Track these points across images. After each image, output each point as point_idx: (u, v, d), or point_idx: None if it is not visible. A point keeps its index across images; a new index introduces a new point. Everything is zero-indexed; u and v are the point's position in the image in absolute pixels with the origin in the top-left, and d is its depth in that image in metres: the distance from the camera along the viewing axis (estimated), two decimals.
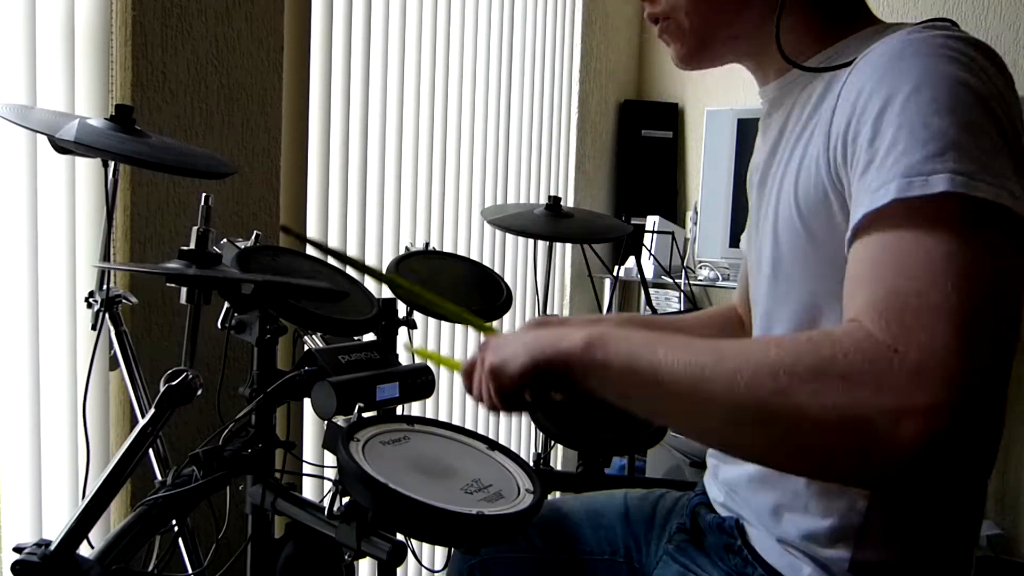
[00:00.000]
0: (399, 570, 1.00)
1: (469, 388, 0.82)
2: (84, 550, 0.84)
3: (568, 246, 2.80)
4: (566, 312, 2.83)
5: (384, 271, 1.33)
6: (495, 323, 1.21)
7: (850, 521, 0.78)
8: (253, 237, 1.22)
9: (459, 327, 2.27)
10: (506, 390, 0.75)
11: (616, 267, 2.84)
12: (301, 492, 1.45)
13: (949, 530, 0.79)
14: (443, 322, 2.18)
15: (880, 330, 0.57)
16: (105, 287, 1.21)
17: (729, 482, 0.91)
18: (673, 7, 0.86)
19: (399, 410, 1.28)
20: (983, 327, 0.56)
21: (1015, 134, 0.64)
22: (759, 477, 0.86)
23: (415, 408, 1.96)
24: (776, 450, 0.61)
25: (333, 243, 1.84)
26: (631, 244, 2.58)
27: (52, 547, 0.80)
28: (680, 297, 2.74)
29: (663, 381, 0.63)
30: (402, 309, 1.34)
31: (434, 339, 2.19)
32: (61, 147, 1.06)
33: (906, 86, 0.65)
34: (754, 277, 0.90)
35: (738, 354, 0.61)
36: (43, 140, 1.18)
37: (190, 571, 1.22)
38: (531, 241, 2.27)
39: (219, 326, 1.11)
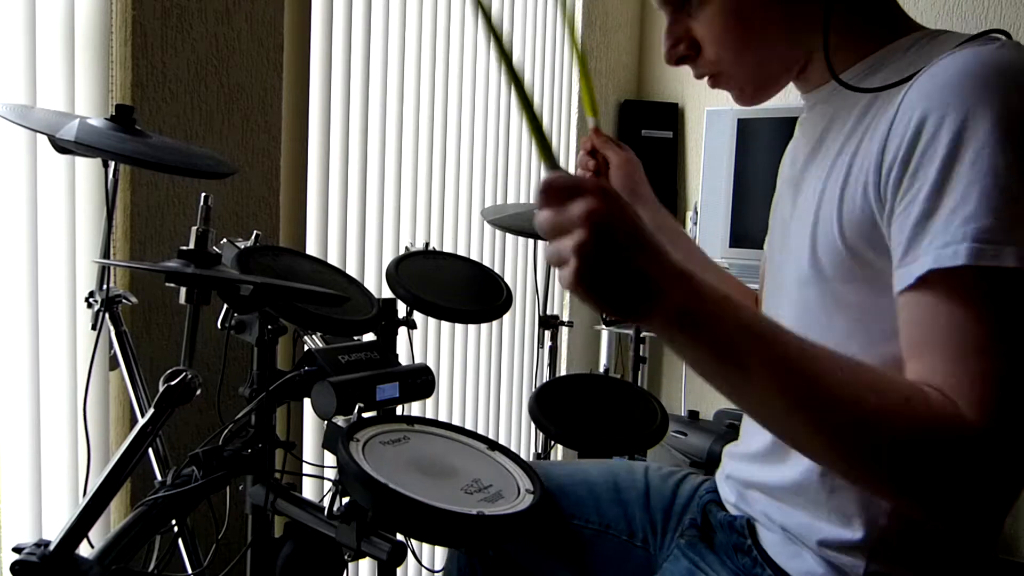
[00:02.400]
0: (399, 570, 1.00)
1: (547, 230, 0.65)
2: (84, 550, 0.84)
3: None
4: (566, 313, 2.83)
5: (385, 272, 1.33)
6: None
7: (869, 533, 0.77)
8: (253, 237, 1.22)
9: (459, 327, 2.27)
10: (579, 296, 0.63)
11: None
12: (301, 492, 1.45)
13: (967, 546, 0.79)
14: (443, 322, 2.18)
15: (958, 397, 0.62)
16: (105, 287, 1.21)
17: (743, 482, 0.91)
18: (717, 62, 0.86)
19: (399, 410, 1.28)
20: None
21: None
22: (776, 483, 0.85)
23: (415, 408, 1.96)
24: (823, 460, 0.69)
25: (333, 243, 1.84)
26: None
27: (52, 547, 0.80)
28: None
29: (753, 377, 0.63)
30: (402, 309, 1.34)
31: (434, 339, 2.19)
32: (61, 147, 1.06)
33: (980, 129, 0.64)
34: (777, 281, 0.89)
35: (847, 378, 0.64)
36: (43, 140, 1.18)
37: (190, 571, 1.22)
38: (531, 241, 2.27)
39: (219, 326, 1.11)
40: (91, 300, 1.22)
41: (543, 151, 0.71)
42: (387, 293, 1.30)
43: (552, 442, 1.95)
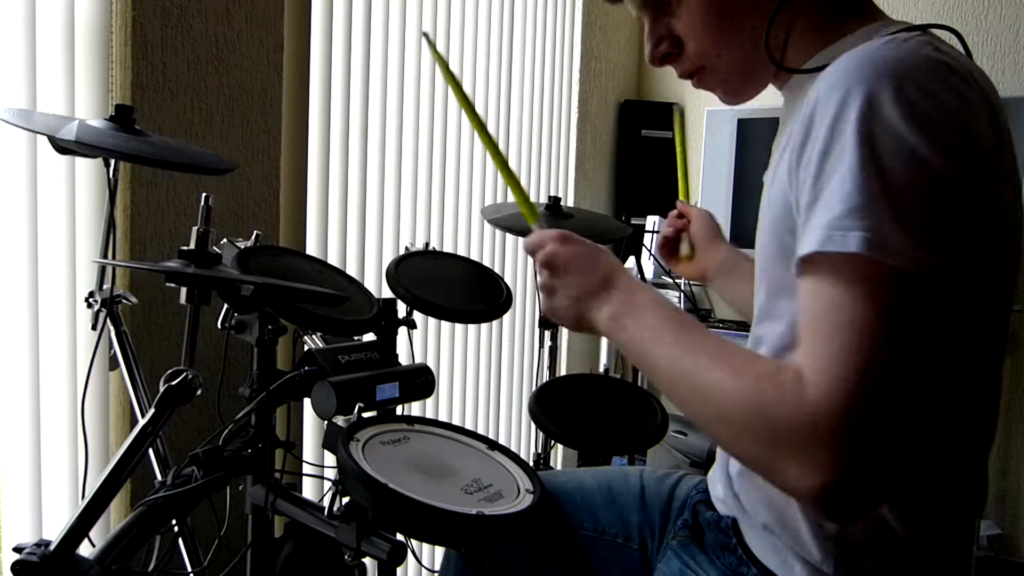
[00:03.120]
0: (399, 570, 1.00)
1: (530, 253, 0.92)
2: (84, 550, 0.84)
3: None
4: None
5: (385, 272, 1.33)
6: None
7: (842, 529, 0.77)
8: (253, 237, 1.22)
9: (459, 327, 2.27)
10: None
11: None
12: (301, 492, 1.45)
13: (942, 537, 0.79)
14: (443, 323, 2.18)
15: (797, 381, 0.65)
16: (105, 287, 1.21)
17: (730, 480, 0.91)
18: (700, 55, 0.87)
19: (399, 410, 1.28)
20: (875, 383, 0.63)
21: (957, 174, 0.66)
22: (755, 477, 0.85)
23: (415, 408, 1.96)
24: (734, 453, 0.76)
25: (333, 243, 1.84)
26: (631, 244, 2.58)
27: (52, 547, 0.80)
28: (680, 297, 2.74)
29: (658, 371, 0.77)
30: (402, 309, 1.34)
31: (434, 339, 2.19)
32: (62, 147, 1.06)
33: (849, 120, 0.66)
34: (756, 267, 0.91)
35: (705, 365, 0.72)
36: (43, 140, 1.18)
37: (190, 571, 1.22)
38: None
39: (219, 326, 1.11)
40: (91, 300, 1.22)
41: (528, 210, 1.01)
42: (387, 293, 1.30)
43: (552, 442, 1.95)
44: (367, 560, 0.99)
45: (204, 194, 1.05)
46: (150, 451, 1.20)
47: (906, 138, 0.65)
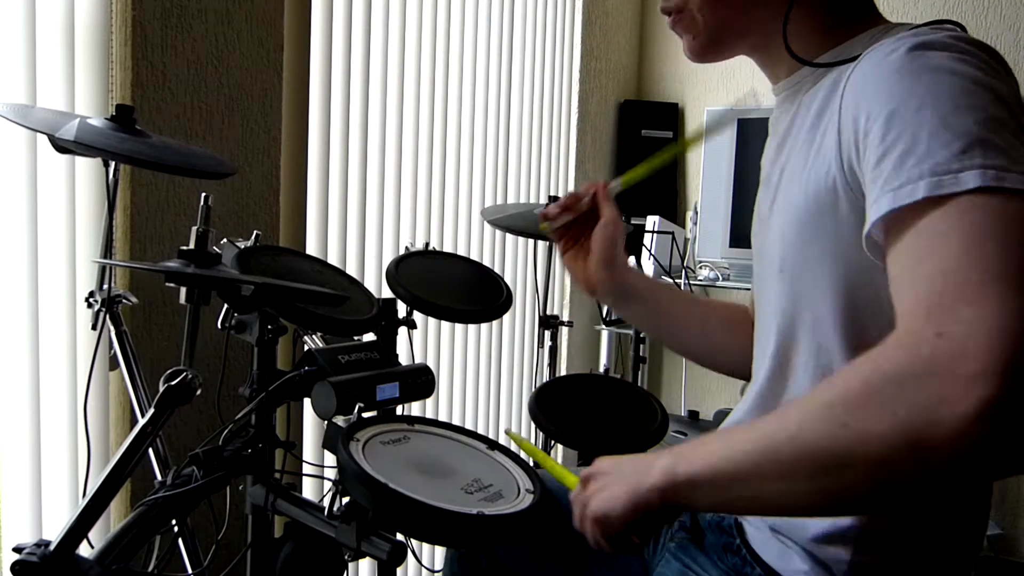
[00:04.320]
0: (399, 570, 1.00)
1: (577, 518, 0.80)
2: (84, 550, 0.84)
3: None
4: (566, 313, 2.83)
5: (385, 272, 1.33)
6: None
7: (851, 523, 0.77)
8: (253, 237, 1.22)
9: (459, 327, 2.27)
10: (613, 536, 0.75)
11: None
12: (301, 492, 1.45)
13: (952, 536, 0.79)
14: (443, 322, 2.18)
15: (923, 324, 0.56)
16: (105, 287, 1.21)
17: None
18: (687, 0, 0.88)
19: (399, 410, 1.28)
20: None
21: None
22: None
23: (415, 408, 1.96)
24: (858, 488, 0.59)
25: (333, 243, 1.84)
26: (631, 244, 2.58)
27: (52, 547, 0.80)
28: None
29: (742, 468, 0.64)
30: (402, 309, 1.34)
31: (434, 339, 2.19)
32: (61, 147, 1.06)
33: (920, 86, 0.65)
34: (762, 274, 0.90)
35: (795, 409, 0.62)
36: (43, 140, 1.18)
37: (190, 571, 1.22)
38: (531, 241, 2.27)
39: (219, 326, 1.11)
40: (91, 300, 1.22)
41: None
42: (387, 293, 1.30)
43: (552, 442, 1.95)
44: (367, 560, 0.99)
45: (204, 194, 1.05)
46: (150, 451, 1.20)
47: (975, 76, 0.65)
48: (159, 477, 1.13)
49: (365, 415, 0.99)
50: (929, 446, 0.53)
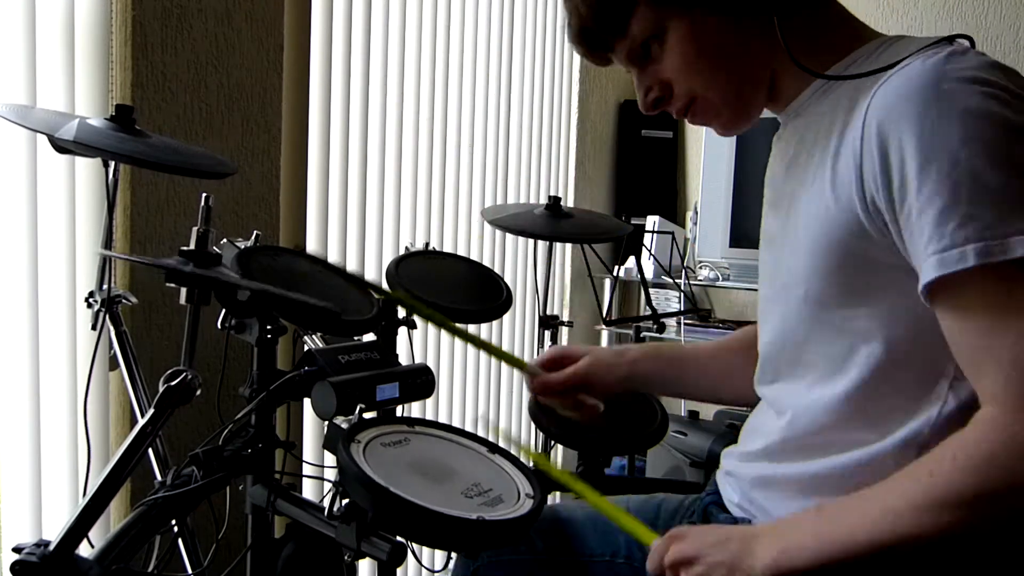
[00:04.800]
0: (399, 570, 1.00)
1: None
2: (84, 550, 0.84)
3: (568, 246, 2.79)
4: (566, 313, 2.82)
5: (385, 272, 1.33)
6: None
7: None
8: (253, 237, 1.22)
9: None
10: None
11: (616, 267, 2.84)
12: (301, 492, 1.45)
13: (972, 552, 0.79)
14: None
15: (1012, 410, 0.64)
16: (105, 287, 1.21)
17: (748, 482, 0.91)
18: (689, 93, 0.86)
19: (399, 410, 1.28)
20: None
21: None
22: (782, 479, 0.85)
23: (415, 409, 1.96)
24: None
25: (333, 243, 1.84)
26: (631, 244, 2.58)
27: (51, 547, 0.80)
28: (680, 297, 2.74)
29: (855, 555, 0.70)
30: (402, 309, 1.34)
31: (434, 339, 2.19)
32: (61, 147, 1.06)
33: (955, 130, 0.65)
34: (772, 294, 0.89)
35: (906, 500, 0.68)
36: (43, 140, 1.18)
37: (190, 571, 1.22)
38: (531, 241, 2.27)
39: (219, 326, 1.11)
40: (91, 300, 1.22)
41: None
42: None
43: (552, 442, 1.95)
44: (367, 560, 0.99)
45: (204, 194, 1.05)
46: (150, 451, 1.20)
47: (1002, 117, 0.65)
48: (159, 477, 1.13)
49: (365, 416, 0.98)
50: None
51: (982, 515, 0.66)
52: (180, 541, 1.22)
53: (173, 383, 0.90)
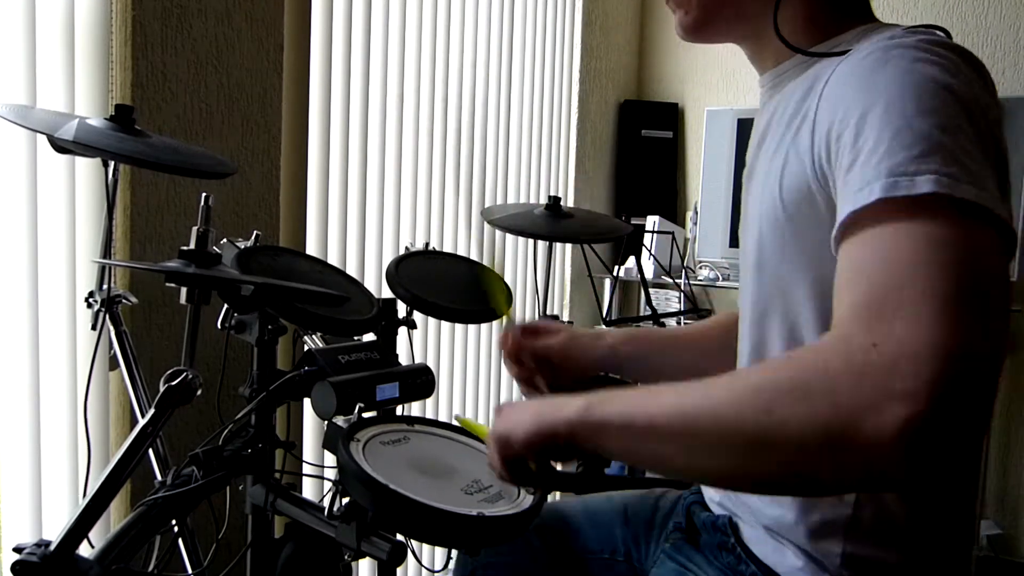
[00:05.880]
0: (399, 570, 1.00)
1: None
2: (84, 550, 0.84)
3: (568, 246, 2.80)
4: (566, 313, 2.82)
5: (385, 272, 1.33)
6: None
7: (839, 513, 0.78)
8: (253, 237, 1.22)
9: (459, 327, 2.27)
10: (510, 458, 0.75)
11: (616, 267, 2.84)
12: (301, 492, 1.45)
13: (942, 524, 0.79)
14: (443, 322, 2.18)
15: (860, 330, 0.57)
16: (105, 287, 1.21)
17: None
18: None
19: (399, 410, 1.28)
20: (968, 311, 0.55)
21: (992, 139, 0.65)
22: None
23: (415, 408, 1.96)
24: (770, 473, 0.61)
25: (333, 243, 1.84)
26: (631, 244, 2.58)
27: (52, 547, 0.80)
28: (680, 297, 2.74)
29: (658, 427, 0.64)
30: (402, 309, 1.34)
31: (434, 339, 2.19)
32: (61, 147, 1.06)
33: (889, 89, 0.66)
34: (743, 275, 0.90)
35: (724, 384, 0.63)
36: (43, 140, 1.18)
37: (190, 571, 1.22)
38: (531, 241, 2.27)
39: (219, 326, 1.11)
40: (91, 300, 1.22)
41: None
42: (387, 293, 1.30)
43: None
44: (367, 560, 0.99)
45: (204, 194, 1.05)
46: (150, 451, 1.20)
47: (943, 80, 0.65)
48: (159, 477, 1.13)
49: (365, 415, 0.99)
50: (844, 448, 0.55)
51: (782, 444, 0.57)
52: (180, 541, 1.22)
53: (173, 383, 0.90)
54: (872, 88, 0.67)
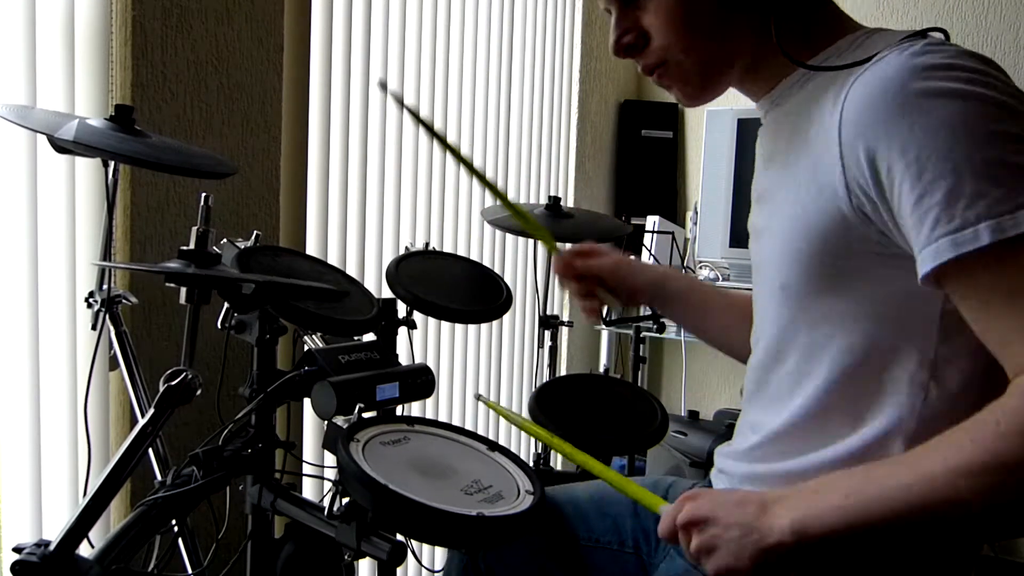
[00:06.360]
0: (399, 570, 1.00)
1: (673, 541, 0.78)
2: (84, 550, 0.84)
3: (568, 246, 2.79)
4: (566, 313, 2.83)
5: (385, 272, 1.33)
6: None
7: None
8: (253, 237, 1.22)
9: (459, 327, 2.27)
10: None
11: None
12: (301, 492, 1.45)
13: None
14: (443, 322, 2.18)
15: None
16: (105, 287, 1.21)
17: (739, 479, 0.91)
18: (665, 49, 0.86)
19: (399, 410, 1.28)
20: None
21: None
22: (769, 475, 0.86)
23: (415, 408, 1.96)
24: (975, 528, 0.70)
25: (333, 243, 1.84)
26: (631, 244, 2.58)
27: (52, 547, 0.80)
28: None
29: (886, 519, 0.67)
30: (402, 309, 1.34)
31: (434, 339, 2.19)
32: (61, 147, 1.06)
33: (934, 123, 0.66)
34: (760, 284, 0.90)
35: (924, 469, 0.66)
36: (43, 140, 1.18)
37: (190, 571, 1.22)
38: (531, 241, 2.27)
39: (219, 326, 1.11)
40: (91, 300, 1.22)
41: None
42: (387, 293, 1.30)
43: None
44: (367, 560, 0.99)
45: (204, 194, 1.05)
46: (150, 451, 1.20)
47: (983, 95, 0.66)
48: (159, 477, 1.13)
49: (365, 415, 0.99)
50: None
51: (1020, 481, 0.64)
52: (180, 541, 1.22)
53: (173, 383, 0.91)
54: (917, 121, 0.67)
